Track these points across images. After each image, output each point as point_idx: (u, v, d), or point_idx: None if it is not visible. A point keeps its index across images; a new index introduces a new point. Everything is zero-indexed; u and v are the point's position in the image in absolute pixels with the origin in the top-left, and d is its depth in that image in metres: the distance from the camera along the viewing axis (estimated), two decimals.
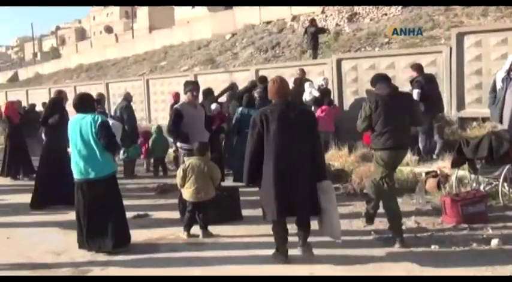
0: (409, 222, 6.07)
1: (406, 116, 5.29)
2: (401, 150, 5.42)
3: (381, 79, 5.47)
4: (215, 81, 14.50)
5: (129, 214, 6.14)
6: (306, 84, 10.82)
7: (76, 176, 5.53)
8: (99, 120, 5.40)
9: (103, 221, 5.47)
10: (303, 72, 11.46)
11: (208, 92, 9.95)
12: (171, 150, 10.48)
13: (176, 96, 11.95)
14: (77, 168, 5.49)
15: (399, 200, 7.22)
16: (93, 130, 5.36)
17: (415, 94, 8.50)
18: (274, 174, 4.64)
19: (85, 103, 5.63)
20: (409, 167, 8.24)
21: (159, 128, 11.17)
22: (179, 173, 5.97)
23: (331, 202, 4.80)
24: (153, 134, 10.95)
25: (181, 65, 23.07)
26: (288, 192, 4.63)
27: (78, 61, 36.58)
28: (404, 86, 10.34)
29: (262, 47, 20.35)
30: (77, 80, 29.49)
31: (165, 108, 15.18)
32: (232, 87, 11.57)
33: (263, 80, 10.40)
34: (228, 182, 8.54)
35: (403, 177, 7.85)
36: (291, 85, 10.29)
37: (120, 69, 28.57)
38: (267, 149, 4.69)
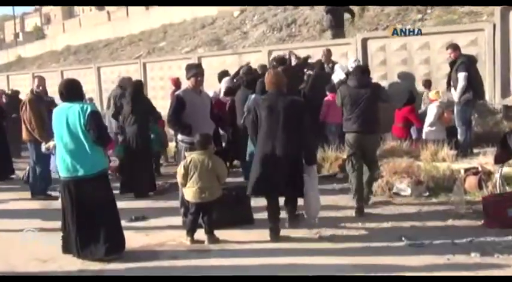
0: (445, 226, 6.06)
1: (371, 105, 6.93)
2: (365, 135, 6.96)
3: (354, 71, 7.41)
4: (222, 64, 14.49)
5: (123, 217, 6.18)
6: (336, 66, 10.77)
7: (62, 173, 5.55)
8: (89, 109, 5.40)
9: (94, 225, 5.48)
10: (328, 53, 11.32)
11: (224, 75, 9.97)
12: (172, 145, 10.49)
13: (176, 82, 11.99)
14: (63, 164, 5.50)
15: (434, 200, 7.28)
16: (82, 121, 5.33)
17: (462, 78, 8.51)
18: (259, 156, 5.94)
19: (73, 90, 5.60)
20: (446, 162, 8.21)
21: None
22: (180, 170, 5.99)
23: (313, 186, 6.04)
24: None
25: (183, 46, 23.08)
26: (269, 172, 5.83)
27: (66, 42, 36.76)
28: (441, 70, 10.33)
29: (275, 25, 20.27)
30: (64, 64, 29.63)
31: (165, 96, 15.23)
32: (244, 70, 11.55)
33: (282, 61, 10.41)
34: (237, 179, 8.57)
35: (439, 175, 7.82)
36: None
37: (113, 51, 28.66)
38: (259, 133, 5.98)
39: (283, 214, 6.19)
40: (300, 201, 6.13)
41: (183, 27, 26.36)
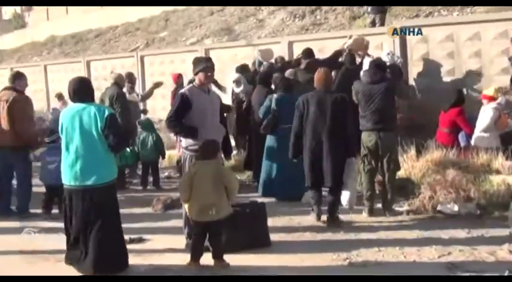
0: (500, 252, 6.01)
1: (387, 101, 7.69)
2: (381, 132, 7.64)
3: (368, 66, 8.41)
4: (233, 58, 14.55)
5: None
6: (364, 60, 10.74)
7: (68, 181, 5.78)
8: (106, 112, 5.64)
9: (93, 237, 5.72)
10: (363, 42, 11.27)
11: (244, 70, 10.04)
12: (174, 152, 10.51)
13: (177, 78, 12.03)
14: (71, 171, 5.72)
15: (487, 220, 7.21)
16: (99, 124, 5.61)
17: None
18: (307, 149, 7.52)
19: (87, 90, 5.92)
20: (501, 175, 8.15)
21: (148, 120, 11.22)
22: (183, 182, 6.00)
23: (351, 176, 7.49)
24: (139, 130, 11.00)
25: (188, 37, 23.16)
26: (317, 163, 7.42)
27: (50, 32, 36.97)
28: (494, 64, 10.25)
29: (297, 11, 20.28)
30: (48, 57, 29.84)
31: (165, 94, 15.27)
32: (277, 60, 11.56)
33: (309, 54, 10.48)
34: (250, 194, 8.57)
35: (492, 190, 7.78)
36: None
37: (106, 43, 28.82)
38: (305, 128, 7.53)
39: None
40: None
41: (187, 14, 26.43)
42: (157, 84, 12.53)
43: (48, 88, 22.16)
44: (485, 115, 9.21)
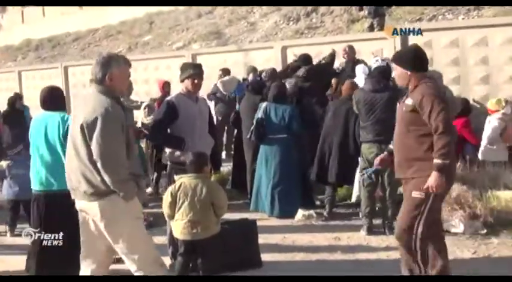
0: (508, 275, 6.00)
1: (389, 111, 7.21)
2: (383, 145, 7.31)
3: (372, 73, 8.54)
4: (223, 64, 14.57)
5: None
6: (357, 67, 10.81)
7: (35, 186, 6.32)
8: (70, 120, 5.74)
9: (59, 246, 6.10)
10: (350, 50, 11.40)
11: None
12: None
13: (164, 86, 12.03)
14: (37, 177, 6.27)
15: (494, 239, 7.24)
16: (61, 132, 6.07)
17: None
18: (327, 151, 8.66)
19: (57, 99, 6.50)
20: (509, 191, 8.19)
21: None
22: (166, 198, 6.00)
23: None
24: None
25: (174, 41, 23.19)
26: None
27: (25, 35, 36.93)
28: (503, 72, 10.31)
29: (291, 14, 20.36)
30: (23, 63, 29.81)
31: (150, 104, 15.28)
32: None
33: (308, 60, 10.59)
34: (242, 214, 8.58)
35: (500, 207, 7.80)
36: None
37: (85, 47, 28.81)
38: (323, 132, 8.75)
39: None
40: None
41: (173, 17, 26.47)
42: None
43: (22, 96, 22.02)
44: (490, 126, 9.25)
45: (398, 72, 5.47)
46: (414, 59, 5.37)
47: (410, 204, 5.26)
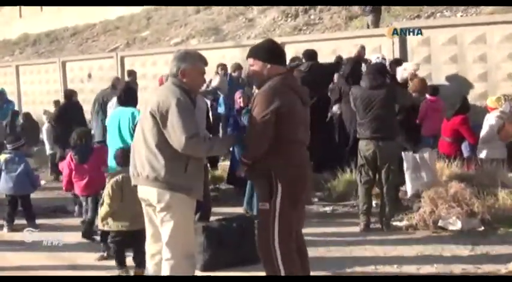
0: (506, 271, 5.99)
1: (386, 108, 7.73)
2: (380, 141, 7.65)
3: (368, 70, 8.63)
4: (221, 60, 14.55)
5: None
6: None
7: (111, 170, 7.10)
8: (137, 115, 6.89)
9: None
10: (363, 50, 11.35)
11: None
12: None
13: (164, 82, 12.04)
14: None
15: (492, 236, 7.24)
16: (131, 125, 7.14)
17: None
18: None
19: (131, 97, 7.86)
20: (507, 189, 8.18)
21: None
22: (108, 191, 6.21)
23: None
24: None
25: (172, 37, 23.15)
26: None
27: (22, 30, 36.88)
28: (501, 69, 10.31)
29: (290, 11, 20.33)
30: (21, 57, 29.73)
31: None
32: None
33: (312, 55, 10.59)
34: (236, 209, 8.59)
35: (498, 204, 7.81)
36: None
37: (83, 42, 28.75)
38: None
39: None
40: None
41: (171, 12, 26.41)
42: None
43: (20, 91, 21.99)
44: (488, 124, 9.24)
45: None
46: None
47: None
